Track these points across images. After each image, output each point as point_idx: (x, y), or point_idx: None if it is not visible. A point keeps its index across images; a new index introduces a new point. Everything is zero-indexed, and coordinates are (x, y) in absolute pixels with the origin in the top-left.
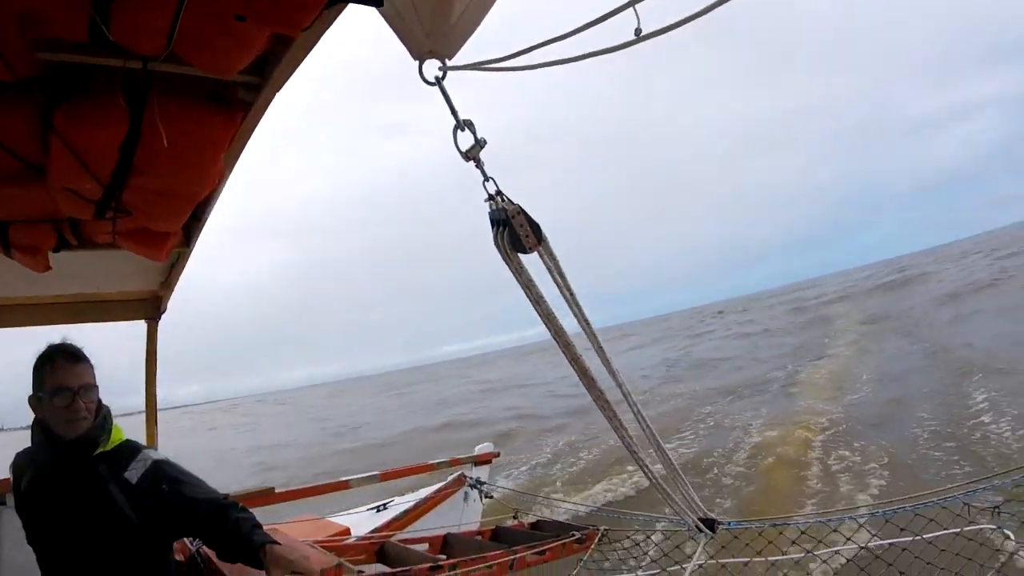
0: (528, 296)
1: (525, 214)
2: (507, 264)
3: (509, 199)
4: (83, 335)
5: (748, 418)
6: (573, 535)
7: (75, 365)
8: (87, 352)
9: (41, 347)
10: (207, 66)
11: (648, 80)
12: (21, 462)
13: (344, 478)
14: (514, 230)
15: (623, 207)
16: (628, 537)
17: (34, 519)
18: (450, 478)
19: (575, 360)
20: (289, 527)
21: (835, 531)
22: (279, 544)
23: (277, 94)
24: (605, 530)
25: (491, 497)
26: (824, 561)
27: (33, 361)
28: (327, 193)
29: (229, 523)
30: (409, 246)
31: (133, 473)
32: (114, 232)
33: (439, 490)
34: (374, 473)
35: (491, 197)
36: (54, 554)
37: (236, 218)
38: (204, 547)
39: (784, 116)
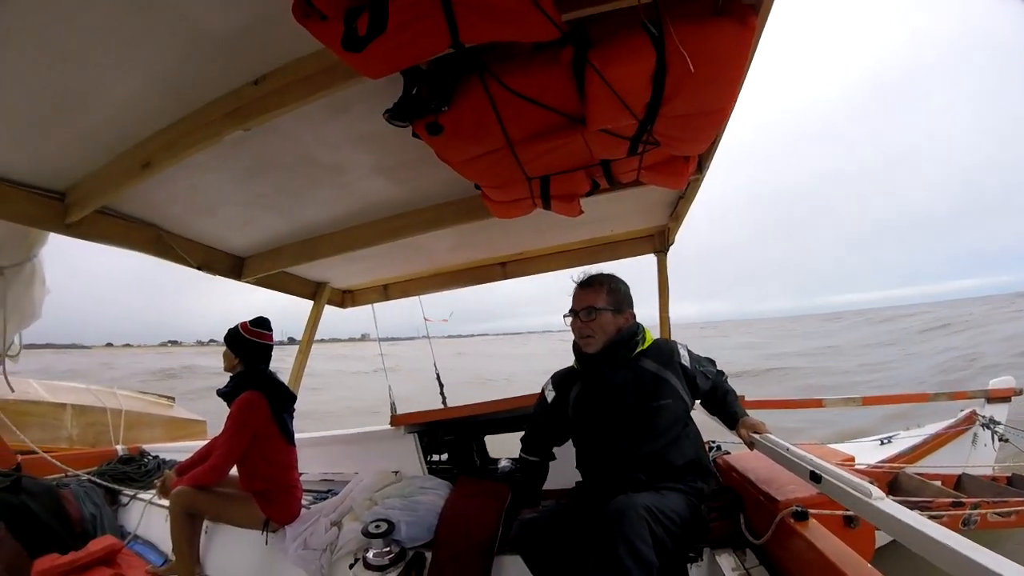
0: None
1: None
2: None
3: None
4: None
5: None
6: None
7: (580, 290)
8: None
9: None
10: None
11: None
12: (562, 378)
13: (819, 397)
14: None
15: None
16: None
17: (590, 418)
18: (961, 415)
19: None
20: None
21: None
22: (748, 416)
23: None
24: None
25: (1006, 440)
26: None
27: None
28: None
29: (725, 391)
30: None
31: (685, 360)
32: (639, 168)
33: (948, 427)
34: (855, 396)
35: None
36: (609, 442)
37: None
38: None
39: None
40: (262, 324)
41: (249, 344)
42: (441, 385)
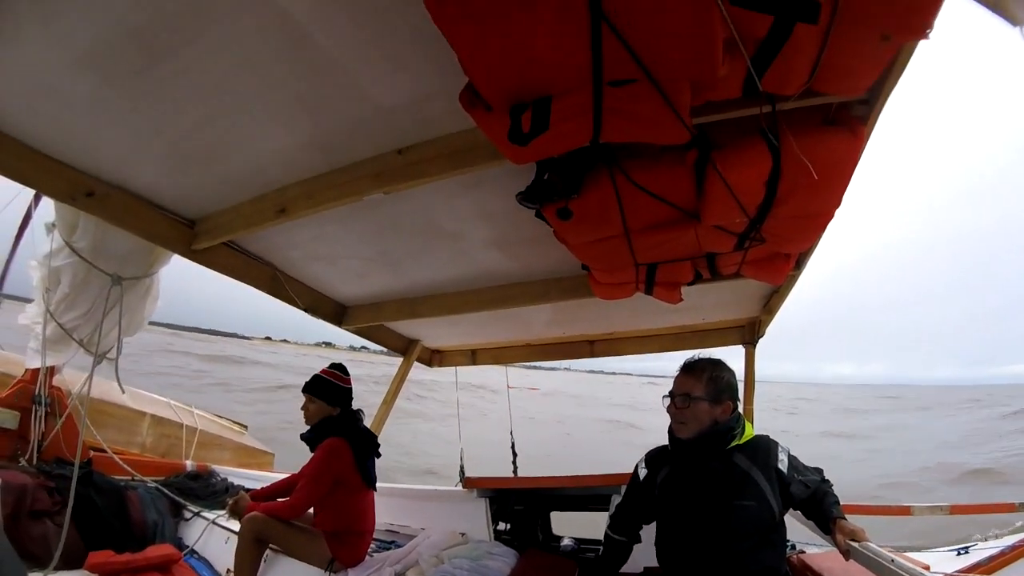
0: None
1: None
2: None
3: None
4: None
5: None
6: None
7: (681, 374)
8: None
9: None
10: (844, 90)
11: None
12: (653, 457)
13: (908, 504)
14: None
15: None
16: None
17: (672, 504)
18: None
19: None
20: None
21: None
22: (845, 519)
23: (888, 100)
24: None
25: None
26: None
27: None
28: None
29: (824, 493)
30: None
31: (782, 465)
32: (742, 262)
33: None
34: (943, 504)
35: None
36: (689, 532)
37: None
38: None
39: None
40: (342, 369)
41: (338, 390)
42: (515, 454)
